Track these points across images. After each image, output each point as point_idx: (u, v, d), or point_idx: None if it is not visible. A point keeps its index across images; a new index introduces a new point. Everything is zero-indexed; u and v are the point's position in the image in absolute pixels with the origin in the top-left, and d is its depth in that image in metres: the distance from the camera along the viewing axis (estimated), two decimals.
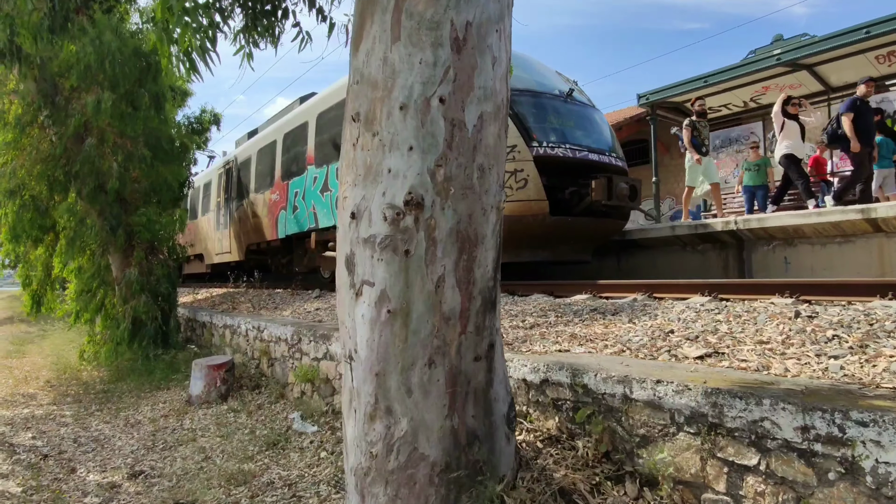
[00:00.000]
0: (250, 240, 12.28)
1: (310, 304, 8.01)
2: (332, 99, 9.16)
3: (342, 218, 2.26)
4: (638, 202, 6.52)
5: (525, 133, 6.09)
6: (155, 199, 9.42)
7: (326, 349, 5.30)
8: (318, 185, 9.29)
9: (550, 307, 4.91)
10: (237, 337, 7.60)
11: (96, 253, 8.54)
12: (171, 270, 9.13)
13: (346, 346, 2.34)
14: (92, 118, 8.25)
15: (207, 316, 8.96)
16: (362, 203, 2.16)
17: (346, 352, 2.34)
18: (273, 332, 6.44)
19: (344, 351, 2.36)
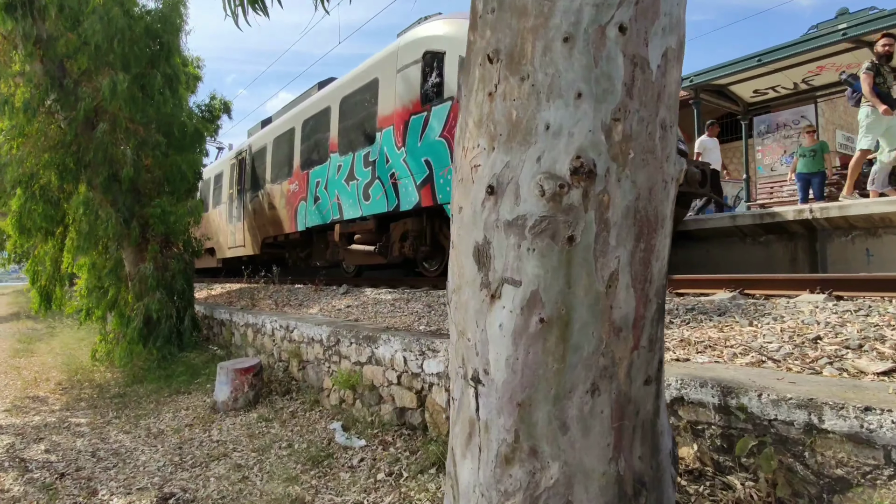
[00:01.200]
0: (266, 233, 11.73)
1: (338, 300, 7.46)
2: (357, 82, 8.58)
3: (469, 194, 1.69)
4: (716, 188, 5.93)
5: None
6: (168, 190, 8.87)
7: (371, 352, 4.75)
8: (342, 174, 8.72)
9: None
10: (261, 337, 7.06)
11: (110, 247, 7.99)
12: (186, 265, 8.59)
13: (466, 365, 1.78)
14: (106, 101, 7.69)
15: (226, 313, 8.42)
16: (505, 173, 1.59)
17: (466, 372, 1.78)
18: (305, 332, 5.89)
19: (463, 370, 1.80)
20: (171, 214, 8.36)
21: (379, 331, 4.82)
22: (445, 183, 6.60)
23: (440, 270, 7.79)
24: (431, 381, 4.05)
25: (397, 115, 7.46)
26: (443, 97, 6.70)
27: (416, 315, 5.49)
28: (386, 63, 7.84)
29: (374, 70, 8.14)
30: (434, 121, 6.81)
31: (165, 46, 8.45)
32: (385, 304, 6.55)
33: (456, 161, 1.80)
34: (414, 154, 7.13)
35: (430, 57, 6.99)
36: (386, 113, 7.73)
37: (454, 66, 6.56)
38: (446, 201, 6.61)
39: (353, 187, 8.42)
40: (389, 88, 7.68)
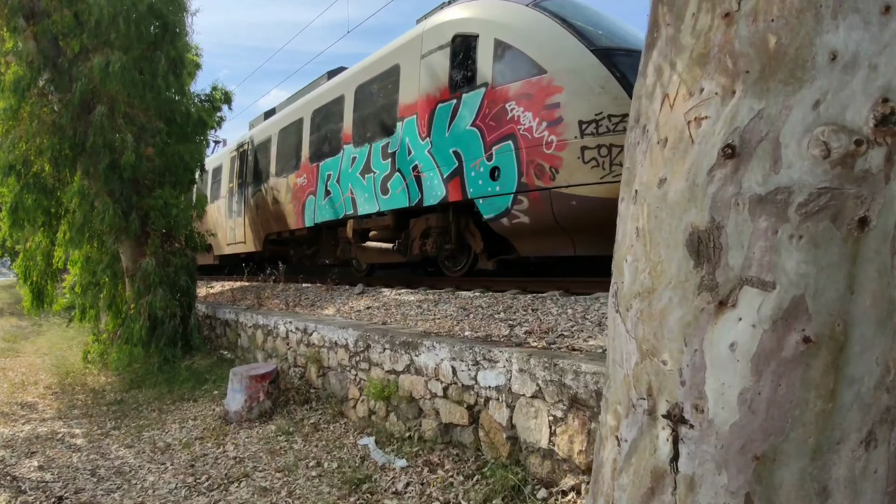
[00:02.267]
0: (269, 229, 11.16)
1: (355, 301, 6.95)
2: (374, 69, 8.07)
3: (683, 160, 1.21)
4: None
5: None
6: (170, 180, 8.29)
7: (410, 360, 4.25)
8: (357, 167, 8.20)
9: None
10: (273, 339, 6.52)
11: (107, 241, 7.41)
12: (189, 261, 8.03)
13: (657, 396, 1.29)
14: (100, 83, 7.11)
15: (232, 313, 7.86)
16: (756, 126, 1.10)
17: (655, 405, 1.30)
18: (327, 335, 5.37)
19: (648, 403, 1.32)
20: (173, 207, 7.80)
21: (419, 336, 4.31)
22: (478, 176, 6.11)
23: (465, 270, 7.30)
24: (488, 396, 3.56)
25: (421, 103, 6.96)
26: (475, 84, 6.22)
27: (452, 319, 5.00)
28: (408, 49, 7.34)
29: (394, 56, 7.63)
30: (464, 109, 6.32)
31: (171, 27, 7.89)
32: (410, 305, 6.05)
33: (645, 117, 1.31)
34: (440, 145, 6.63)
35: (459, 41, 6.50)
36: (408, 101, 7.23)
37: (488, 50, 6.08)
38: (478, 195, 6.12)
39: (370, 181, 7.91)
40: (412, 75, 7.18)
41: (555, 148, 5.37)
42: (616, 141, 5.06)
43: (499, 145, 5.86)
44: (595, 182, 5.15)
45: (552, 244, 5.76)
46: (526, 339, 3.86)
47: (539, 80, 5.54)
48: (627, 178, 1.38)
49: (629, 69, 5.28)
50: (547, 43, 5.61)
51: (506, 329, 4.21)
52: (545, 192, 5.46)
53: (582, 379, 2.92)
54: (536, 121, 5.52)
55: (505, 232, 6.02)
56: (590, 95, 5.22)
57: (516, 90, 5.73)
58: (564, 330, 3.87)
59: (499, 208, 5.92)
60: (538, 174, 5.50)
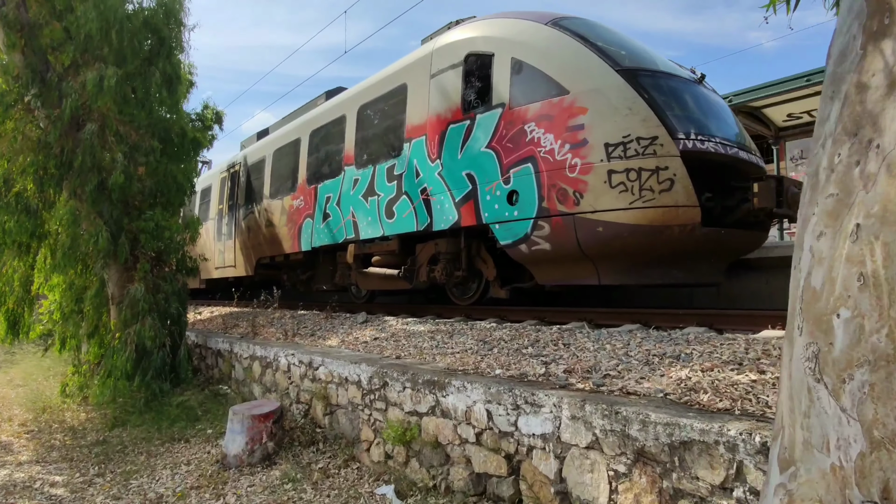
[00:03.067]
0: (262, 252, 10.73)
1: (359, 331, 6.54)
2: (379, 89, 7.80)
3: None
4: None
5: (666, 122, 4.85)
6: (162, 201, 7.87)
7: (436, 401, 3.87)
8: (359, 189, 7.87)
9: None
10: (273, 373, 6.08)
11: (94, 266, 6.93)
12: (180, 287, 7.57)
13: None
14: (91, 99, 6.73)
15: (224, 343, 7.39)
16: None
17: None
18: (336, 371, 4.96)
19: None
20: (165, 229, 7.36)
21: (445, 374, 3.94)
22: (493, 200, 5.82)
23: (475, 298, 6.96)
24: (531, 445, 3.19)
25: (431, 124, 6.69)
26: (490, 104, 5.97)
27: (474, 353, 4.64)
28: (416, 68, 7.09)
29: (401, 76, 7.38)
30: (479, 130, 6.05)
31: (166, 42, 7.56)
32: (421, 336, 5.67)
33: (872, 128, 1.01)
34: (452, 167, 6.34)
35: (473, 60, 6.27)
36: (416, 122, 6.96)
37: (505, 69, 5.85)
38: (494, 220, 5.82)
39: (373, 203, 7.57)
40: (421, 95, 6.92)
41: (579, 171, 5.11)
42: (646, 165, 4.82)
43: (517, 168, 5.59)
44: (624, 207, 4.88)
45: (574, 272, 5.46)
46: (567, 379, 3.51)
47: (561, 101, 5.31)
48: (835, 208, 1.06)
49: (656, 90, 5.07)
50: (569, 62, 5.40)
51: (540, 367, 3.87)
52: (569, 217, 5.18)
53: (651, 430, 2.58)
54: (559, 143, 5.26)
55: (523, 259, 5.72)
56: (616, 117, 4.98)
57: (536, 111, 5.48)
58: (609, 369, 3.54)
59: (517, 234, 5.62)
60: (561, 199, 5.22)
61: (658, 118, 4.87)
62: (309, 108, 10.45)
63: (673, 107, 5.02)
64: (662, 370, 3.32)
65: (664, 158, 4.78)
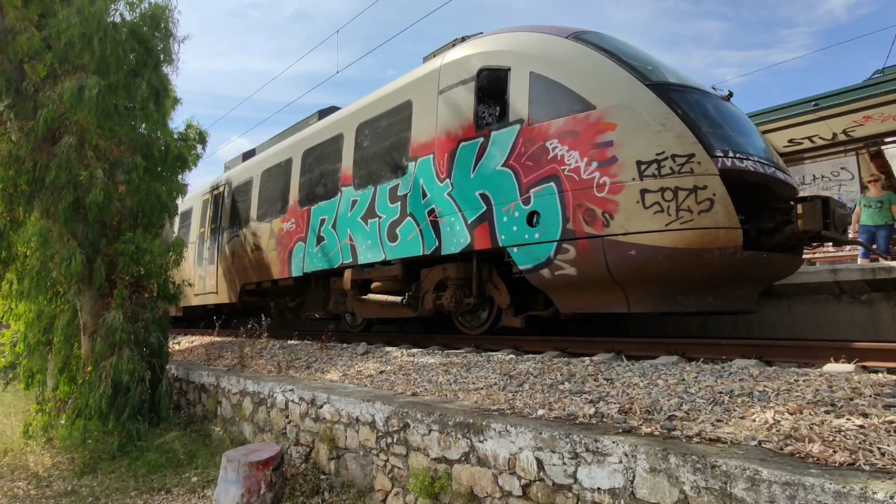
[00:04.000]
0: (248, 278, 10.11)
1: (360, 363, 6.01)
2: (380, 106, 7.43)
3: None
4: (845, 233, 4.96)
5: (702, 138, 4.56)
6: (143, 222, 7.29)
7: (470, 446, 3.38)
8: (358, 211, 7.42)
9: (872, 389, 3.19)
10: (266, 410, 5.49)
11: (66, 292, 6.29)
12: (161, 315, 6.94)
13: None
14: (70, 110, 6.20)
15: (210, 376, 6.76)
16: None
17: None
18: (344, 409, 4.43)
19: None
20: (146, 252, 6.77)
21: (481, 416, 3.46)
22: (511, 221, 5.43)
23: (486, 327, 6.50)
24: (596, 501, 2.72)
25: (439, 142, 6.32)
26: (506, 120, 5.63)
27: (502, 389, 4.16)
28: (423, 84, 6.75)
29: (405, 92, 7.03)
30: (494, 148, 5.69)
31: (154, 52, 7.09)
32: (432, 370, 5.18)
33: None
34: (464, 187, 5.95)
35: (487, 75, 5.95)
36: (422, 140, 6.58)
37: (523, 84, 5.54)
38: (512, 243, 5.42)
39: (374, 226, 7.12)
40: (427, 112, 6.56)
41: (608, 191, 4.76)
42: (683, 184, 4.49)
43: (538, 187, 5.23)
44: (659, 229, 4.53)
45: (601, 299, 5.06)
46: (626, 420, 3.07)
47: (587, 117, 4.99)
48: None
49: (688, 106, 4.79)
50: (595, 77, 5.10)
51: (587, 406, 3.42)
52: (597, 239, 4.80)
53: (765, 490, 2.15)
54: (585, 161, 4.92)
55: (544, 285, 5.31)
56: (648, 133, 4.67)
57: (559, 127, 5.15)
58: (672, 409, 3.11)
59: (538, 258, 5.22)
60: (588, 220, 4.85)
61: (693, 135, 4.57)
62: (300, 127, 10.01)
63: (707, 123, 4.74)
64: (739, 411, 2.91)
65: (702, 177, 4.46)
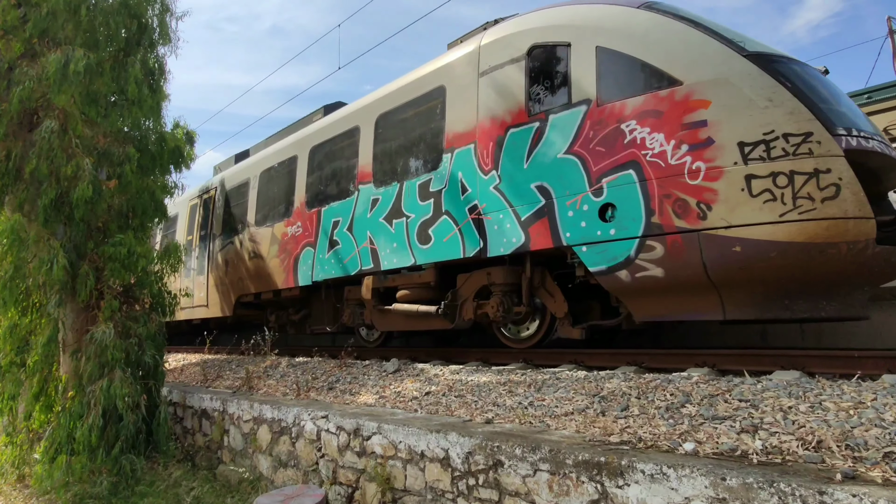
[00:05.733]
0: (244, 289, 9.17)
1: (396, 383, 5.18)
2: (405, 94, 6.68)
3: None
4: None
5: (819, 114, 3.93)
6: (135, 223, 6.37)
7: (601, 493, 2.60)
8: (380, 211, 6.62)
9: None
10: (290, 441, 4.61)
11: (46, 302, 5.33)
12: (157, 329, 6.01)
13: None
14: (52, 89, 5.30)
15: (214, 400, 5.83)
16: None
17: None
18: (401, 441, 3.61)
19: None
20: (140, 257, 5.85)
21: (615, 452, 2.68)
22: (579, 216, 4.71)
23: (536, 340, 5.73)
24: None
25: (482, 129, 5.59)
26: (569, 101, 4.93)
27: (601, 414, 3.41)
28: (458, 67, 6.03)
29: (435, 77, 6.30)
30: (553, 133, 4.99)
31: (148, 29, 6.23)
32: (491, 390, 4.39)
33: None
34: (515, 179, 5.23)
35: (540, 52, 5.26)
36: (459, 129, 5.85)
37: (587, 60, 4.86)
38: (581, 241, 4.70)
39: (400, 227, 6.33)
40: (465, 98, 5.84)
41: (704, 177, 4.08)
42: (800, 167, 3.84)
43: (613, 176, 4.52)
44: (772, 221, 3.86)
45: (690, 305, 4.36)
46: (822, 459, 2.35)
47: (672, 94, 4.32)
48: None
49: (797, 78, 4.15)
50: (679, 49, 4.45)
51: (745, 436, 2.68)
52: (692, 234, 4.11)
53: None
54: (672, 143, 4.24)
55: (620, 289, 4.58)
56: (752, 110, 4.02)
57: (637, 107, 4.47)
58: (884, 444, 2.39)
59: (614, 258, 4.50)
60: (679, 212, 4.16)
61: (809, 110, 3.93)
62: (303, 124, 9.19)
63: (820, 98, 4.10)
64: None
65: (824, 159, 3.81)
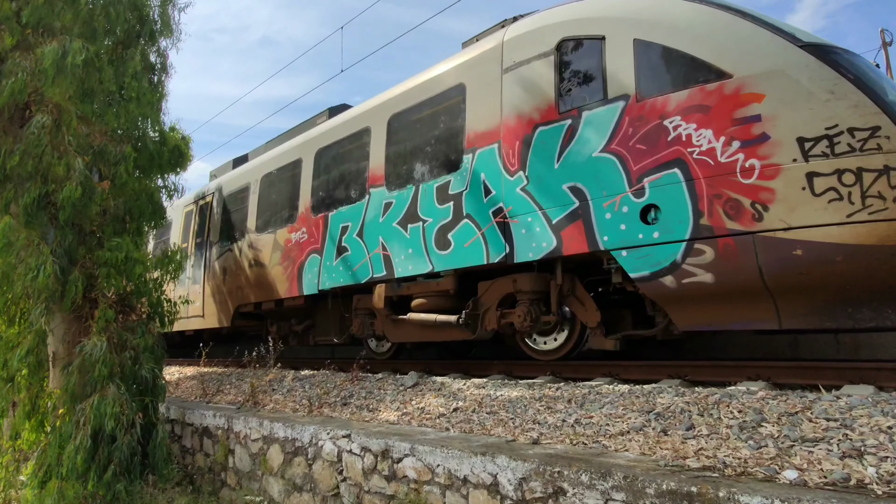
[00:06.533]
0: (244, 299, 8.74)
1: (417, 398, 4.80)
2: (420, 93, 6.36)
3: None
4: None
5: (888, 109, 3.68)
6: (132, 228, 5.96)
7: None
8: (393, 215, 6.27)
9: None
10: (306, 463, 4.21)
11: (33, 311, 4.90)
12: (155, 341, 5.58)
13: None
14: (46, 83, 4.91)
15: (218, 417, 5.40)
16: None
17: None
18: (440, 464, 3.23)
19: None
20: (137, 263, 5.43)
21: (697, 478, 2.33)
22: (617, 218, 4.40)
23: (566, 351, 5.39)
24: None
25: (506, 129, 5.28)
26: (604, 97, 4.64)
27: (665, 433, 3.06)
28: (479, 64, 5.73)
29: (454, 75, 5.99)
30: (588, 131, 4.69)
31: (148, 21, 5.87)
32: (527, 405, 4.03)
33: None
34: (546, 180, 4.91)
35: (572, 46, 4.98)
36: (481, 128, 5.53)
37: (624, 53, 4.58)
38: (620, 245, 4.38)
39: (416, 232, 5.97)
40: (487, 95, 5.54)
41: (759, 176, 3.80)
42: (869, 163, 3.56)
43: (656, 175, 4.22)
44: (838, 222, 3.57)
45: (742, 313, 4.04)
46: None
47: (720, 87, 4.04)
48: None
49: (858, 71, 3.89)
50: (727, 40, 4.18)
51: (854, 463, 2.35)
52: (746, 237, 3.81)
53: None
54: (721, 140, 3.96)
55: (664, 296, 4.26)
56: (812, 103, 3.74)
57: (681, 102, 4.18)
58: None
59: (657, 263, 4.18)
60: (732, 213, 3.87)
61: (874, 103, 3.66)
62: (306, 127, 8.84)
63: (884, 90, 3.84)
64: None
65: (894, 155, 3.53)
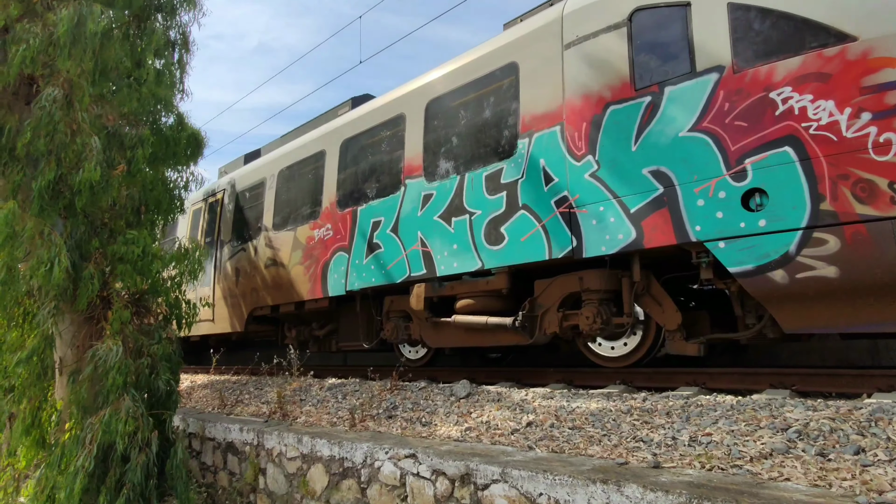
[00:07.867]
0: (259, 301, 8.14)
1: (476, 410, 4.22)
2: (463, 75, 5.83)
3: None
4: None
5: None
6: (148, 219, 5.37)
7: None
8: (434, 208, 5.71)
9: None
10: (357, 486, 3.62)
11: (39, 310, 4.29)
12: (174, 347, 4.97)
13: None
14: (59, 54, 4.35)
15: (246, 432, 4.79)
16: None
17: None
18: (543, 492, 2.66)
19: None
20: (156, 258, 4.84)
21: None
22: (712, 205, 3.86)
23: (639, 357, 4.82)
24: None
25: (570, 109, 4.75)
26: (693, 70, 4.11)
27: (825, 457, 2.50)
28: (533, 41, 5.21)
29: (504, 54, 5.46)
30: (673, 108, 4.15)
31: None
32: (617, 419, 3.47)
33: None
34: (621, 164, 4.37)
35: (647, 16, 4.46)
36: (538, 110, 5.00)
37: (715, 19, 4.06)
38: (716, 235, 3.84)
39: (461, 226, 5.42)
40: (546, 74, 5.01)
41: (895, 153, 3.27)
42: None
43: (760, 155, 3.69)
44: None
45: (875, 312, 3.49)
46: None
47: (843, 52, 3.52)
48: None
49: None
50: None
51: None
52: (882, 223, 3.28)
53: None
54: (847, 112, 3.43)
55: (771, 294, 3.71)
56: None
57: (792, 71, 3.66)
58: None
59: (765, 255, 3.64)
60: (862, 196, 3.33)
61: None
62: (329, 118, 8.28)
63: None
64: None
65: None
